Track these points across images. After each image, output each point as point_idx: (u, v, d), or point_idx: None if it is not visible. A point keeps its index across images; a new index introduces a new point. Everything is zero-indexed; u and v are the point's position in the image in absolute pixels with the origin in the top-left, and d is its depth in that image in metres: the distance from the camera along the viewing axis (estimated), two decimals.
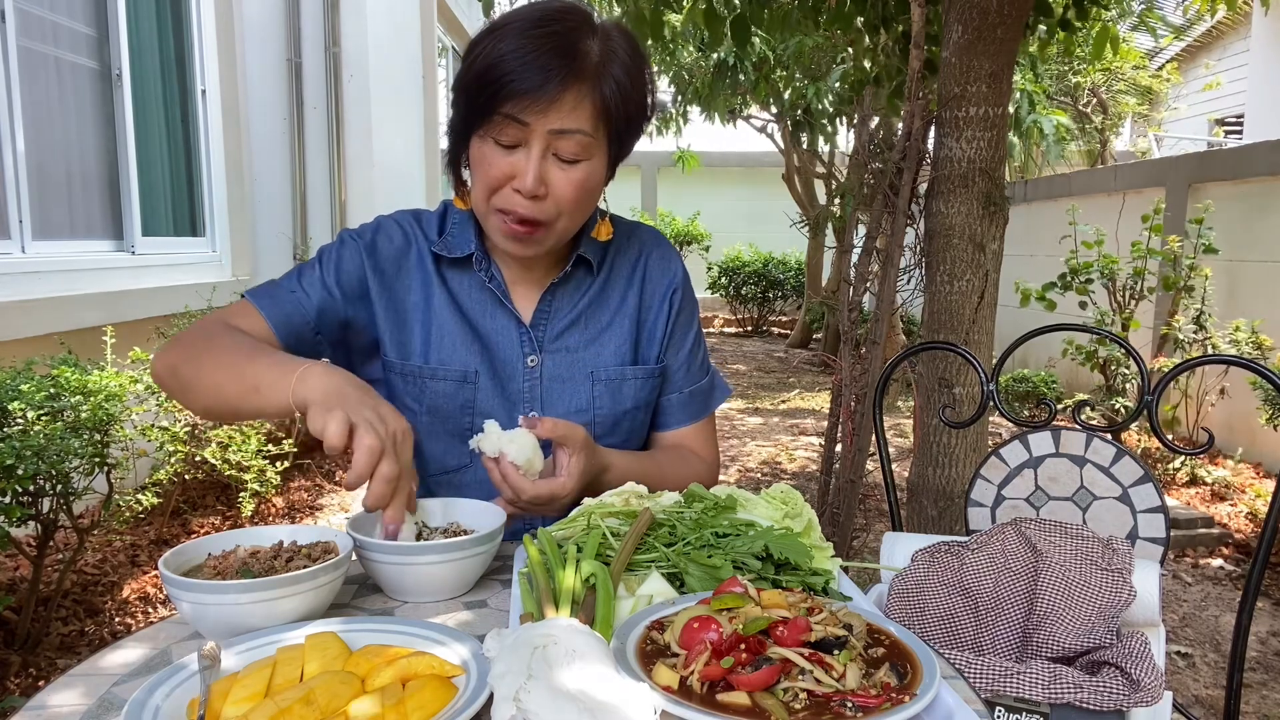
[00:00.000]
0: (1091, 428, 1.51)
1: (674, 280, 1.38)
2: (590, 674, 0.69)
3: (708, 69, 7.68)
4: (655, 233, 1.43)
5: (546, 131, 1.11)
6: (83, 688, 0.81)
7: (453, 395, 1.28)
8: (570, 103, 1.11)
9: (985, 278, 2.57)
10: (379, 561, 1.00)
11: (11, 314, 3.14)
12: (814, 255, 10.90)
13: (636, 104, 1.18)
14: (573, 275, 1.32)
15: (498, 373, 1.29)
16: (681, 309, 1.39)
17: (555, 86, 1.09)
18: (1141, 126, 12.99)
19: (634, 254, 1.38)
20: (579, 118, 1.12)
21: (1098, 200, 6.73)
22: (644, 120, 1.21)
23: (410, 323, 1.29)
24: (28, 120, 3.55)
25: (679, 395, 1.39)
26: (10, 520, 2.25)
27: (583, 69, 1.11)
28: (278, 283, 1.26)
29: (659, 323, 1.36)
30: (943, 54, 2.60)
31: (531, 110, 1.10)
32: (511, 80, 1.09)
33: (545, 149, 1.13)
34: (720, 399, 1.45)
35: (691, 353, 1.40)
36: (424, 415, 1.29)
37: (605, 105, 1.14)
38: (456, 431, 1.28)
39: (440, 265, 1.30)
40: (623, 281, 1.36)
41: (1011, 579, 1.30)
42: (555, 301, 1.32)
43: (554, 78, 1.09)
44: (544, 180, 1.14)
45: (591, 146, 1.15)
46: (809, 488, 4.64)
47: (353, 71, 5.58)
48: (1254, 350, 4.63)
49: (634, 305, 1.35)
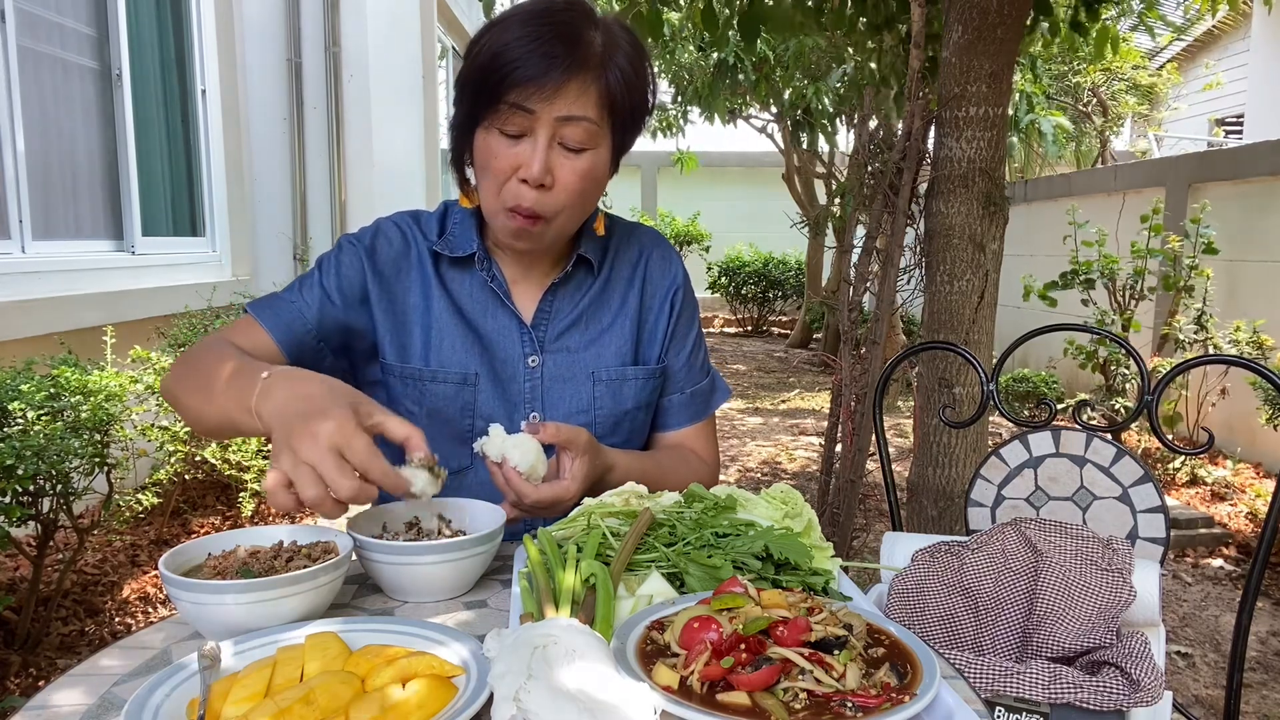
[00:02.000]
0: (1091, 428, 1.51)
1: (675, 281, 1.39)
2: (590, 674, 0.69)
3: (708, 69, 7.68)
4: (655, 233, 1.43)
5: (553, 119, 1.11)
6: (83, 688, 0.81)
7: (453, 397, 1.28)
8: (576, 90, 1.11)
9: (985, 278, 2.57)
10: (379, 561, 1.00)
11: (11, 314, 3.14)
12: (814, 255, 10.90)
13: (640, 96, 1.19)
14: (573, 275, 1.32)
15: (498, 374, 1.29)
16: (682, 310, 1.39)
17: (560, 73, 1.10)
18: (1141, 126, 12.99)
19: (634, 254, 1.38)
20: (584, 105, 1.12)
21: (1098, 200, 6.73)
22: (646, 114, 1.22)
23: (410, 325, 1.29)
24: (28, 120, 3.55)
25: (680, 396, 1.40)
26: (10, 520, 2.25)
27: (587, 57, 1.11)
28: (279, 294, 1.26)
29: (660, 323, 1.37)
30: (943, 54, 2.60)
31: (537, 97, 1.10)
32: (517, 68, 1.09)
33: (551, 138, 1.13)
34: (720, 400, 1.46)
35: (692, 353, 1.41)
36: (424, 418, 1.28)
37: (610, 94, 1.14)
38: (457, 434, 1.28)
39: (439, 266, 1.30)
40: (623, 282, 1.36)
41: (1011, 579, 1.30)
42: (556, 301, 1.32)
43: (559, 65, 1.09)
44: (550, 169, 1.13)
45: (597, 135, 1.15)
46: (809, 488, 4.64)
47: (353, 71, 5.58)
48: (1254, 350, 4.62)
49: (635, 306, 1.35)
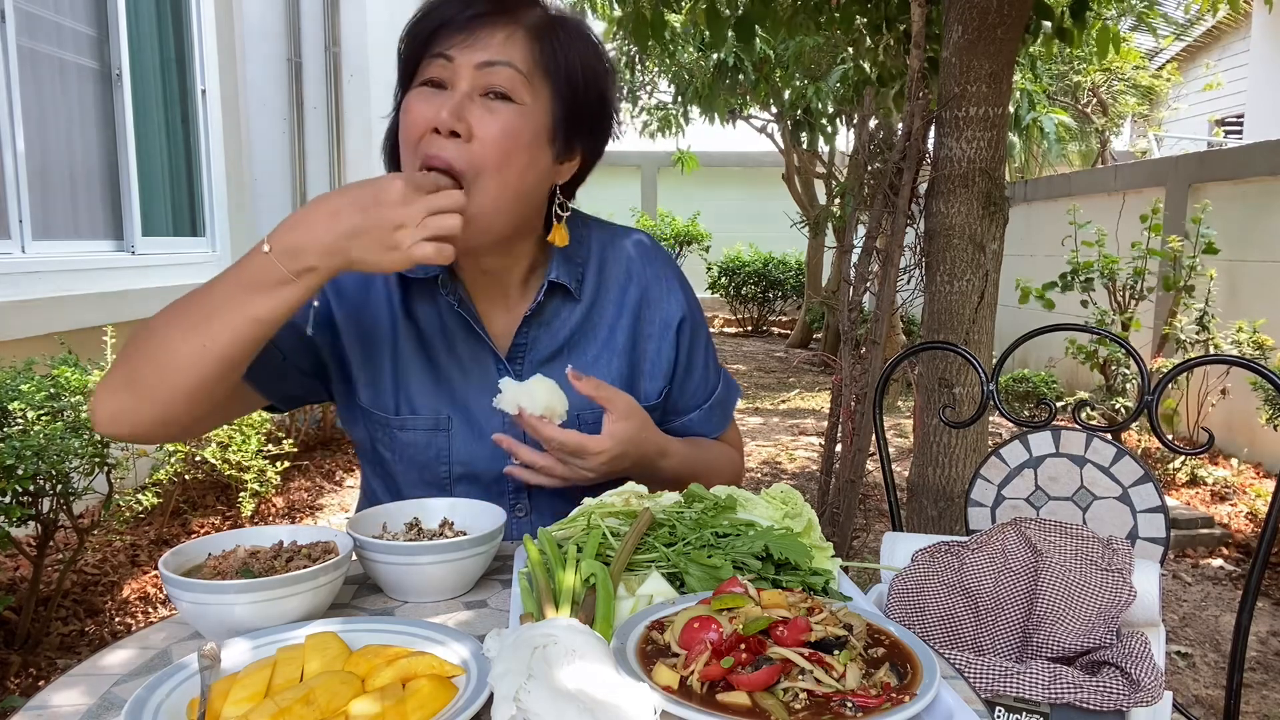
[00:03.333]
0: (1091, 428, 1.51)
1: (679, 311, 1.27)
2: (590, 674, 0.69)
3: (708, 69, 7.68)
4: (645, 247, 1.30)
5: (473, 66, 1.05)
6: (83, 688, 0.81)
7: (425, 445, 1.19)
8: (500, 36, 1.06)
9: (985, 278, 2.57)
10: (379, 561, 1.00)
11: (11, 314, 3.15)
12: (814, 255, 10.90)
13: (590, 71, 1.12)
14: (548, 304, 1.21)
15: (472, 414, 1.19)
16: (693, 340, 1.29)
17: (486, 20, 1.06)
18: (1141, 126, 12.98)
19: (621, 277, 1.26)
20: (508, 51, 1.06)
21: (1098, 200, 6.73)
22: (598, 92, 1.14)
23: (380, 360, 1.19)
24: (28, 120, 3.55)
25: (701, 411, 1.32)
26: (10, 520, 2.25)
27: (517, 10, 1.08)
28: None
29: (661, 357, 1.26)
30: (943, 54, 2.60)
31: (458, 43, 1.05)
32: (439, 19, 1.06)
33: (473, 87, 1.05)
34: (735, 398, 1.39)
35: (705, 371, 1.32)
36: (399, 464, 1.21)
37: (544, 52, 1.08)
38: (435, 481, 1.20)
39: (406, 294, 1.19)
40: (611, 309, 1.24)
41: (1011, 579, 1.30)
42: (533, 332, 1.21)
43: (481, 9, 1.06)
44: (464, 117, 1.04)
45: (523, 88, 1.06)
46: (809, 488, 4.64)
47: (353, 71, 5.58)
48: (1255, 350, 4.62)
49: (625, 339, 1.24)
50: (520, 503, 1.24)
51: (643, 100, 9.89)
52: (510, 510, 1.21)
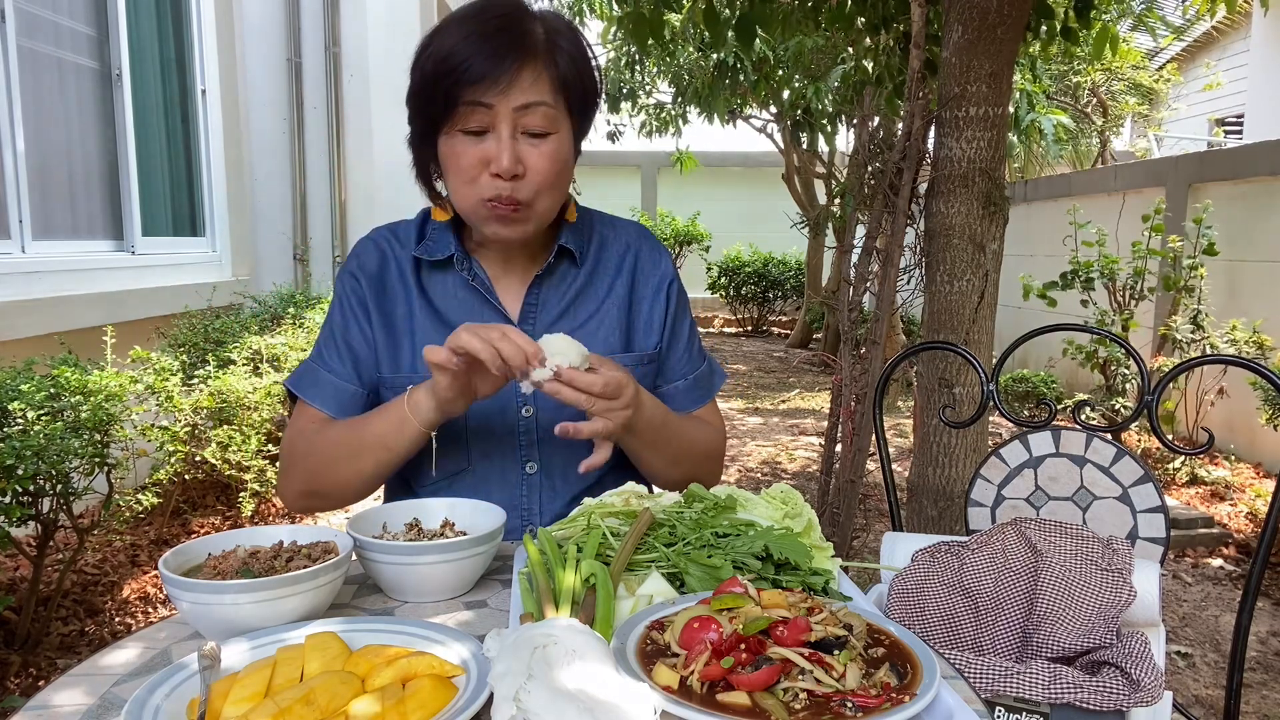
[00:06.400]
0: (1091, 428, 1.51)
1: (668, 274, 1.42)
2: (590, 674, 0.69)
3: (708, 69, 7.68)
4: (640, 227, 1.46)
5: (512, 110, 1.15)
6: (83, 688, 0.82)
7: None
8: (529, 78, 1.15)
9: (985, 278, 2.57)
10: (379, 561, 1.00)
11: (11, 314, 3.15)
12: (814, 255, 10.89)
13: (589, 78, 1.23)
14: (556, 268, 1.34)
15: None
16: (679, 302, 1.42)
17: (512, 64, 1.13)
18: (1141, 126, 12.98)
19: (621, 245, 1.40)
20: (539, 90, 1.16)
21: (1098, 200, 6.73)
22: (597, 95, 1.26)
23: (400, 337, 1.31)
24: (28, 120, 3.56)
25: (684, 382, 1.42)
26: (10, 520, 2.25)
27: (533, 46, 1.15)
28: (311, 365, 1.31)
29: (655, 313, 1.38)
30: (943, 54, 2.60)
31: (493, 91, 1.13)
32: (468, 67, 1.12)
33: (514, 128, 1.16)
34: (719, 381, 1.49)
35: (689, 341, 1.44)
36: None
37: (562, 78, 1.18)
38: (451, 436, 1.28)
39: (420, 275, 1.32)
40: (610, 272, 1.37)
41: (1011, 579, 1.30)
42: (542, 294, 1.33)
43: (508, 56, 1.13)
44: (519, 159, 1.16)
45: (556, 119, 1.18)
46: (809, 488, 4.64)
47: (353, 71, 5.58)
48: (1254, 350, 4.62)
49: (623, 294, 1.37)
50: (531, 459, 1.33)
51: (642, 100, 9.89)
52: (520, 466, 1.32)
